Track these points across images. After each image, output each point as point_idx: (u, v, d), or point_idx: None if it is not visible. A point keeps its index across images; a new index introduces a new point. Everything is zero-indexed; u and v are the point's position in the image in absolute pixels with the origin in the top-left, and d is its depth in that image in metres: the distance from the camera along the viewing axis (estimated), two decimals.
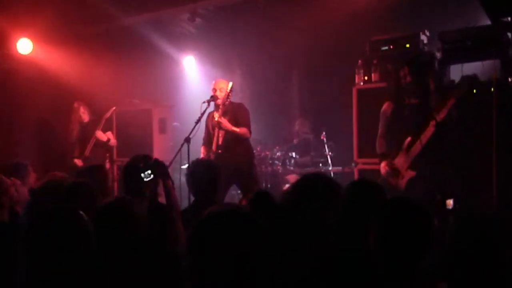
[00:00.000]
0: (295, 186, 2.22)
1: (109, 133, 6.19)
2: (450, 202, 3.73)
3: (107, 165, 6.16)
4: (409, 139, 4.03)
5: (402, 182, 4.08)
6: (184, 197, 3.69)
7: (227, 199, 5.09)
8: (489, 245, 1.67)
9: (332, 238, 1.98)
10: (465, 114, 4.00)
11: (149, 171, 2.84)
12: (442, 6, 5.10)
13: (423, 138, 3.94)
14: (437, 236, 1.80)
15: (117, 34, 6.55)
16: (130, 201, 2.17)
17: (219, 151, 4.76)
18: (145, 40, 6.53)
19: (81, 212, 1.88)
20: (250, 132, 4.88)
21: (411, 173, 4.06)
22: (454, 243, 1.73)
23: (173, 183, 2.91)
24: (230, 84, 4.76)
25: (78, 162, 6.08)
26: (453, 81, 4.54)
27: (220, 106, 4.75)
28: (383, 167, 4.20)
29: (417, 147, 4.00)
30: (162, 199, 2.91)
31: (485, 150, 3.98)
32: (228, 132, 4.77)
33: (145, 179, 2.82)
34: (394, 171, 4.11)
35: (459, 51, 4.34)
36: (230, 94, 4.73)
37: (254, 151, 5.39)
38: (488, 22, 4.16)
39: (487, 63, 4.26)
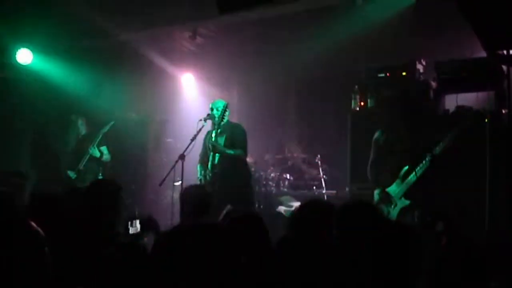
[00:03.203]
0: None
1: (103, 148, 6.16)
2: (440, 225, 3.72)
3: None
4: (405, 168, 4.06)
5: (394, 211, 4.09)
6: (176, 214, 3.67)
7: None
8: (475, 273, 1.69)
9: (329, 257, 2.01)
10: (461, 144, 4.03)
11: (138, 223, 2.58)
12: (439, 36, 5.18)
13: (419, 170, 3.97)
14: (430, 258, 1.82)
15: (117, 48, 6.59)
16: None
17: (215, 170, 4.75)
18: (144, 56, 6.57)
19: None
20: (246, 154, 4.89)
21: (404, 202, 4.07)
22: (441, 269, 1.75)
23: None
24: (225, 103, 4.80)
25: (72, 174, 6.05)
26: (447, 110, 4.60)
27: (216, 126, 4.77)
28: (376, 193, 4.22)
29: (412, 178, 4.03)
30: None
31: (478, 177, 4.01)
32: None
33: (130, 231, 2.58)
34: (387, 199, 4.13)
35: (454, 81, 4.40)
36: (225, 113, 4.76)
37: None
38: (484, 55, 4.23)
39: (482, 94, 4.32)
